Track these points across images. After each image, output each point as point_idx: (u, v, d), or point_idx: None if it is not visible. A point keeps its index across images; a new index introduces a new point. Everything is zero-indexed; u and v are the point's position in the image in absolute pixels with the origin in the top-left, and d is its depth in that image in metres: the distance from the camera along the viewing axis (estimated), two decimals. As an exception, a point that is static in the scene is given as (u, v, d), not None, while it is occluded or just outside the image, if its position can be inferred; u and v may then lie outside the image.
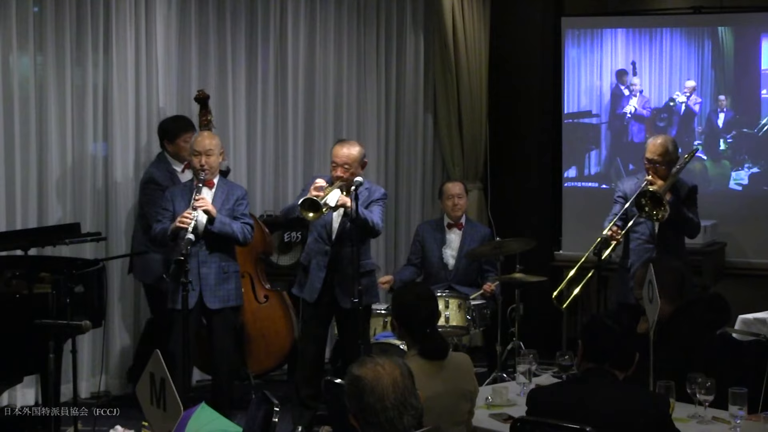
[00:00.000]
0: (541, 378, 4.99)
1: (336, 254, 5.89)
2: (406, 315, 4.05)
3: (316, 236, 5.96)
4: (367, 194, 5.94)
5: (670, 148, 6.00)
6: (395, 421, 2.80)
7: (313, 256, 5.95)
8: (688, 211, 6.03)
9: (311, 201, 5.62)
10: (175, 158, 6.42)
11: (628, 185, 6.20)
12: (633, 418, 3.48)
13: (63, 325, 4.69)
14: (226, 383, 6.09)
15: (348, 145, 5.92)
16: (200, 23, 7.13)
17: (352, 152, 5.85)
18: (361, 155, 5.90)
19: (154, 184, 6.30)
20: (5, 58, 6.29)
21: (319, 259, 5.92)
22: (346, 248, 5.84)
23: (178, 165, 6.42)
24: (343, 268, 5.88)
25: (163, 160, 6.44)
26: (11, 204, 6.34)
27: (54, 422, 4.94)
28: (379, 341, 6.15)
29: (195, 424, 3.51)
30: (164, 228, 5.84)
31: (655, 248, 6.04)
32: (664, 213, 5.78)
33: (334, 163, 5.86)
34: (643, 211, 5.83)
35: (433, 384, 3.86)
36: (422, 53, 8.31)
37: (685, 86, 7.68)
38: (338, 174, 5.81)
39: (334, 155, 5.88)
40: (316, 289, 5.91)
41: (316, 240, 5.96)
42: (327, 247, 5.90)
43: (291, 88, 7.60)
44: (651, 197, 5.80)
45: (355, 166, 5.84)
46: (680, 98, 7.68)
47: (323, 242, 5.92)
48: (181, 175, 6.39)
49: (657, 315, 4.28)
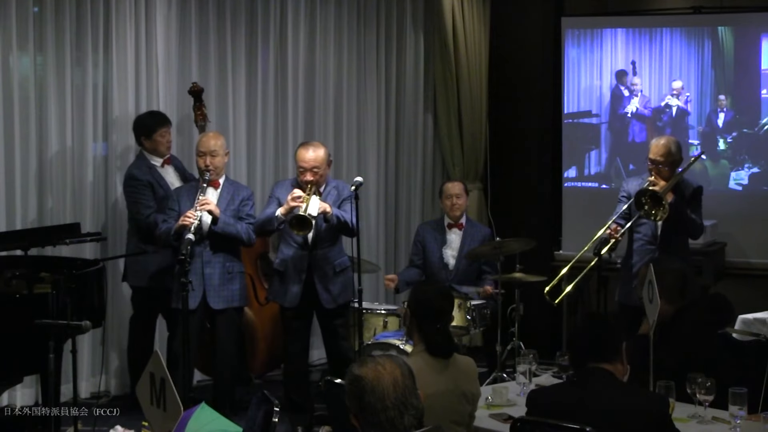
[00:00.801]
0: (541, 378, 4.99)
1: (314, 258, 5.94)
2: (423, 307, 4.07)
3: (290, 242, 5.98)
4: (336, 193, 5.96)
5: (673, 149, 5.99)
6: (396, 421, 2.80)
7: (290, 261, 5.97)
8: (691, 213, 6.01)
9: (301, 218, 5.63)
10: (153, 153, 6.38)
11: (632, 185, 6.19)
12: (633, 418, 3.48)
13: (63, 325, 4.68)
14: (228, 384, 6.10)
15: (313, 147, 5.92)
16: (200, 23, 7.13)
17: (319, 154, 5.87)
18: (327, 155, 5.94)
19: (134, 180, 6.28)
20: (5, 58, 6.29)
21: (296, 264, 5.96)
22: (323, 249, 5.94)
23: (156, 160, 6.39)
24: (322, 270, 5.94)
25: (141, 157, 6.41)
26: (11, 204, 6.34)
27: (54, 422, 4.94)
28: (379, 341, 6.15)
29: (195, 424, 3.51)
30: (168, 227, 5.85)
31: (657, 249, 6.04)
32: (663, 214, 5.76)
33: (302, 168, 5.86)
34: (642, 209, 5.82)
35: (437, 381, 3.88)
36: (422, 53, 8.31)
37: (673, 87, 7.69)
38: (308, 178, 5.82)
39: (301, 159, 5.86)
40: (296, 294, 5.97)
41: (290, 245, 5.99)
42: (304, 251, 5.94)
43: (291, 88, 7.60)
44: (651, 196, 5.80)
45: (323, 168, 5.87)
46: (672, 102, 7.68)
47: (299, 248, 5.95)
48: (161, 170, 6.37)
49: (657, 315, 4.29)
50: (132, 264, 6.35)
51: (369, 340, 6.13)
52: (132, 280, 6.40)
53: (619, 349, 3.64)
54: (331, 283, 6.01)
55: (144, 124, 6.39)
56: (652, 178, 5.95)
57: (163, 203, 6.17)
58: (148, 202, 6.21)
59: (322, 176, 5.86)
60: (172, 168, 6.42)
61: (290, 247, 6.00)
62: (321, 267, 5.97)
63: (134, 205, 6.28)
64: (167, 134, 6.38)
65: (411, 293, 4.32)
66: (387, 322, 6.34)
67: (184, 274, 5.53)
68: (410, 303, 4.20)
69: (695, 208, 6.08)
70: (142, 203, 6.22)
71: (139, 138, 6.42)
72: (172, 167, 6.42)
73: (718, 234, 7.50)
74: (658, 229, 6.03)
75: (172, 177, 6.38)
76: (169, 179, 6.35)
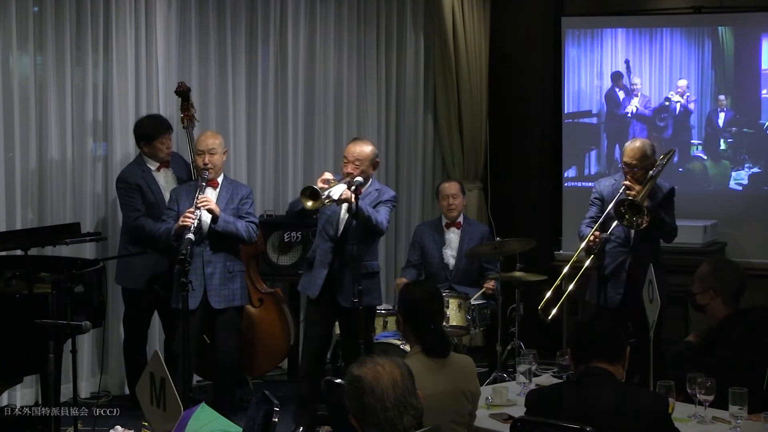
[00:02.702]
0: (541, 378, 5.00)
1: (340, 251, 5.84)
2: (413, 310, 4.06)
3: (322, 231, 5.93)
4: (377, 195, 5.91)
5: (648, 152, 5.91)
6: (395, 421, 2.80)
7: (318, 251, 5.92)
8: (665, 215, 5.95)
9: (312, 189, 5.57)
10: (151, 158, 6.40)
11: (604, 185, 6.15)
12: (633, 417, 3.48)
13: (63, 325, 4.68)
14: (228, 384, 6.09)
15: (361, 143, 5.90)
16: (200, 23, 7.13)
17: (364, 150, 5.83)
18: (374, 154, 5.88)
19: (122, 182, 6.33)
20: (5, 58, 6.29)
21: (323, 255, 5.88)
22: (351, 246, 5.78)
23: (152, 164, 6.41)
24: (346, 266, 5.82)
25: (138, 160, 6.43)
26: (11, 204, 6.34)
27: (54, 422, 4.93)
28: (379, 341, 6.15)
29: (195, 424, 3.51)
30: (168, 228, 5.85)
31: (629, 251, 5.98)
32: (644, 219, 5.66)
33: (345, 159, 5.84)
34: (623, 220, 5.72)
35: (435, 382, 3.87)
36: (422, 53, 8.31)
37: (678, 85, 7.69)
38: (348, 170, 5.78)
39: (346, 152, 5.86)
40: (317, 285, 5.85)
41: (321, 235, 5.93)
42: (331, 243, 5.86)
43: (291, 88, 7.60)
44: (630, 205, 5.71)
45: (366, 165, 5.81)
46: (675, 98, 7.68)
47: (328, 238, 5.87)
48: (155, 173, 6.38)
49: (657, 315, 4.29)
50: (119, 264, 6.38)
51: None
52: (120, 281, 6.43)
53: (623, 351, 3.63)
54: (354, 282, 5.87)
55: (145, 131, 6.38)
56: (627, 182, 5.90)
57: (153, 209, 6.21)
58: (135, 205, 6.24)
59: (363, 172, 5.79)
60: (170, 172, 6.42)
61: (323, 239, 5.93)
62: (347, 263, 5.85)
63: (122, 207, 6.36)
64: (167, 140, 6.39)
65: (399, 297, 4.30)
66: (387, 322, 6.34)
67: (185, 274, 5.52)
68: (400, 307, 4.19)
69: (668, 210, 6.02)
70: (128, 205, 6.27)
71: (138, 142, 6.43)
72: (170, 171, 6.42)
73: (718, 234, 7.49)
74: (630, 231, 5.95)
75: (165, 181, 6.38)
76: (161, 183, 6.35)
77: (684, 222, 6.46)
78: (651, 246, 6.02)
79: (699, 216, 7.32)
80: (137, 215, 6.22)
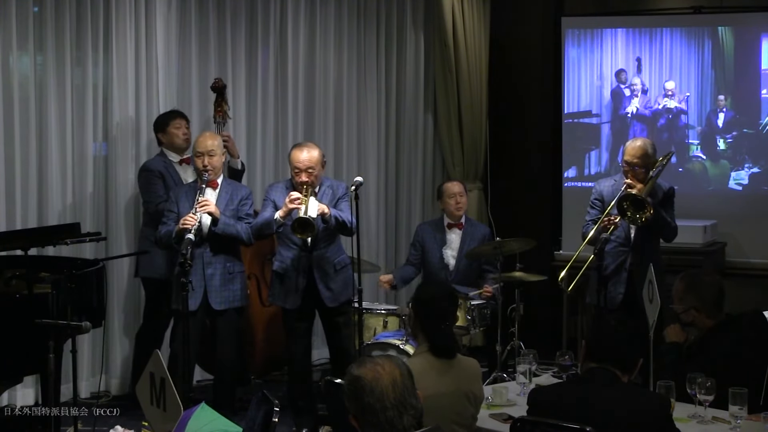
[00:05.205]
0: (541, 378, 4.99)
1: (313, 258, 5.95)
2: (426, 307, 4.07)
3: (289, 244, 5.98)
4: (331, 192, 5.98)
5: (650, 151, 5.91)
6: (395, 421, 2.80)
7: (290, 263, 5.97)
8: (665, 215, 5.94)
9: (304, 221, 5.63)
10: (171, 149, 6.44)
11: (604, 186, 6.14)
12: (633, 418, 3.48)
13: (63, 325, 4.68)
14: (228, 385, 6.09)
15: (307, 148, 5.92)
16: (200, 23, 7.13)
17: (313, 155, 5.87)
18: (322, 156, 5.95)
19: (145, 170, 6.38)
20: (5, 58, 6.29)
21: (297, 265, 5.96)
22: (322, 249, 5.96)
23: (174, 156, 6.43)
24: (322, 269, 5.97)
25: (160, 154, 6.49)
26: (11, 204, 6.34)
27: (54, 422, 4.94)
28: (379, 341, 6.15)
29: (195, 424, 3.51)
30: (169, 230, 5.86)
31: (630, 251, 5.97)
32: (648, 214, 5.67)
33: (296, 169, 5.85)
34: (626, 216, 5.73)
35: (440, 381, 3.88)
36: (422, 53, 8.31)
37: (666, 88, 7.68)
38: (303, 179, 5.81)
39: (296, 160, 5.86)
40: (297, 295, 5.97)
41: (289, 247, 5.98)
42: (303, 252, 5.94)
43: (291, 88, 7.60)
44: (633, 201, 5.70)
45: (319, 169, 5.88)
46: (668, 103, 7.68)
47: (298, 249, 5.95)
48: (178, 167, 6.41)
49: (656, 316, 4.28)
50: (141, 256, 6.41)
51: (369, 340, 6.13)
52: (143, 272, 6.46)
53: (636, 363, 3.64)
54: (332, 282, 6.02)
55: (158, 121, 6.52)
56: (628, 180, 5.90)
57: None
58: (158, 191, 6.27)
59: (317, 177, 5.87)
60: (191, 168, 6.41)
61: (289, 249, 5.99)
62: (321, 266, 5.98)
63: (145, 194, 6.37)
64: (182, 126, 6.42)
65: (415, 293, 4.32)
66: (387, 322, 6.34)
67: (185, 275, 5.53)
68: (414, 303, 4.20)
69: (668, 209, 6.02)
70: (151, 192, 6.29)
71: (157, 135, 6.50)
72: (190, 167, 6.42)
73: (718, 234, 7.50)
74: (631, 231, 5.94)
75: (189, 176, 6.38)
76: (185, 177, 6.37)
77: (684, 222, 6.45)
78: (651, 245, 6.02)
79: (699, 216, 7.33)
80: (159, 201, 6.24)
